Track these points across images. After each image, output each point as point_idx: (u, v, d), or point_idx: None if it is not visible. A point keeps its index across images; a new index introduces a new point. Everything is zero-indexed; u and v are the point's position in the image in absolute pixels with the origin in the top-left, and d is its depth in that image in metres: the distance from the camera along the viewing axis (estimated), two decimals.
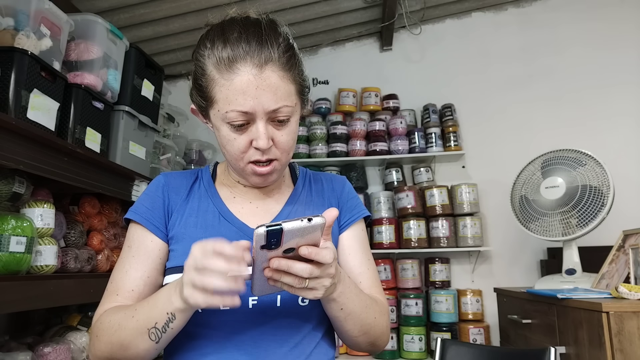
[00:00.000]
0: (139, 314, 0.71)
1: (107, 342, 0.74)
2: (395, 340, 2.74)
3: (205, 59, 0.75)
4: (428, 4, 3.09)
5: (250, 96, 0.72)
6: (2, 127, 1.23)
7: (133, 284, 0.79)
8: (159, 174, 0.90)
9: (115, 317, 0.74)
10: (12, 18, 1.45)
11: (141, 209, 0.83)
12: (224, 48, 0.73)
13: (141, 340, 0.71)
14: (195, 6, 2.66)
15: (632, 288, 1.48)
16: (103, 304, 0.79)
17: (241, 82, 0.72)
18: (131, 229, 0.83)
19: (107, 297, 0.80)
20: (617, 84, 2.98)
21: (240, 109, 0.73)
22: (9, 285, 1.24)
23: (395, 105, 3.19)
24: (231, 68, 0.72)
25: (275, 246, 0.61)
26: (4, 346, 1.48)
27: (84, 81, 1.72)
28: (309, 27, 3.11)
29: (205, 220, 0.83)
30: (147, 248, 0.81)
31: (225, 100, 0.73)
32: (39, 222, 1.43)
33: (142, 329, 0.70)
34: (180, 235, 0.81)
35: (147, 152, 2.17)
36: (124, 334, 0.72)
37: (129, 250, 0.81)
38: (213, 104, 0.75)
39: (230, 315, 0.75)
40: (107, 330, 0.74)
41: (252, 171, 0.79)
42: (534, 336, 1.89)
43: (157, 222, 0.82)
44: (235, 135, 0.75)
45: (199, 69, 0.76)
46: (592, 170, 1.99)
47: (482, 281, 2.91)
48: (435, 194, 2.88)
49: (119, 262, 0.82)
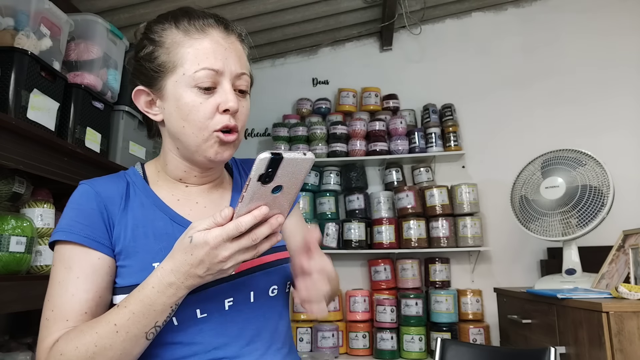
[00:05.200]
0: (127, 325, 0.65)
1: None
2: (395, 340, 2.74)
3: (167, 29, 0.76)
4: (428, 4, 3.09)
5: (220, 56, 0.74)
6: (2, 127, 1.23)
7: (85, 306, 0.71)
8: (81, 183, 0.79)
9: (85, 341, 0.66)
10: (12, 18, 1.45)
11: (77, 226, 0.73)
12: (190, 19, 0.76)
13: (136, 347, 0.67)
14: (194, 7, 2.66)
15: (632, 288, 1.48)
16: (48, 335, 0.69)
17: (211, 42, 0.74)
18: (66, 250, 0.73)
19: (53, 326, 0.69)
20: (617, 84, 2.98)
21: (211, 67, 0.73)
22: (9, 285, 1.24)
23: (395, 105, 3.19)
24: (202, 30, 0.75)
25: (269, 179, 0.62)
26: (4, 346, 1.48)
27: (84, 81, 1.72)
28: (309, 27, 3.11)
29: (156, 228, 0.77)
30: (94, 266, 0.72)
31: (194, 60, 0.73)
32: (39, 222, 1.43)
33: (138, 336, 0.66)
34: (131, 250, 0.74)
35: (147, 152, 2.17)
36: (111, 352, 0.65)
37: (69, 272, 0.72)
38: (176, 69, 0.74)
39: (208, 322, 0.74)
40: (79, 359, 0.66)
41: (217, 140, 0.75)
42: (534, 336, 1.89)
43: (100, 238, 0.74)
44: (201, 99, 0.73)
45: (155, 40, 0.76)
46: (592, 170, 1.99)
47: (482, 281, 2.91)
48: (435, 194, 2.88)
49: (57, 287, 0.72)
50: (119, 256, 0.74)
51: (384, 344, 2.72)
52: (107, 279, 0.74)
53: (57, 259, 0.74)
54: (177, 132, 0.76)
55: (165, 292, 0.65)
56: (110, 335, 0.65)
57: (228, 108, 0.74)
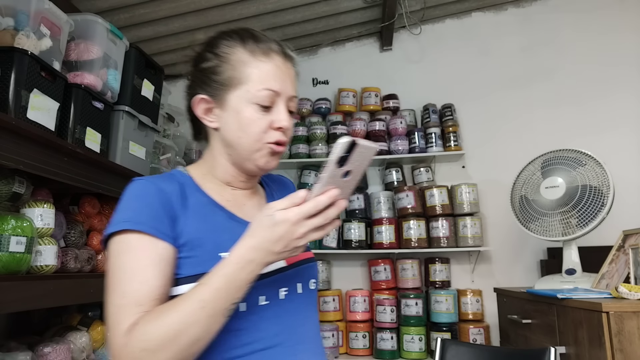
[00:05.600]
0: (212, 301, 0.69)
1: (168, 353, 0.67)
2: (395, 340, 2.74)
3: (233, 47, 0.84)
4: (428, 4, 3.09)
5: (280, 79, 0.83)
6: (2, 127, 1.23)
7: (155, 292, 0.73)
8: (137, 179, 0.82)
9: (170, 319, 0.68)
10: (12, 18, 1.45)
11: (143, 217, 0.76)
12: (257, 42, 0.84)
13: (216, 324, 0.70)
14: (195, 6, 2.66)
15: (632, 288, 1.48)
16: (123, 319, 0.70)
17: (274, 65, 0.83)
18: (133, 239, 0.75)
19: (127, 311, 0.71)
20: (617, 84, 2.98)
21: (272, 88, 0.82)
22: (9, 285, 1.24)
23: (395, 105, 3.19)
24: (265, 54, 0.84)
25: (344, 163, 0.69)
26: (4, 346, 1.48)
27: (84, 81, 1.72)
28: (309, 27, 3.11)
29: (217, 223, 0.82)
30: (161, 256, 0.75)
31: (257, 81, 0.81)
32: (39, 222, 1.43)
33: (220, 312, 0.70)
34: (196, 241, 0.78)
35: (147, 152, 2.17)
36: (195, 329, 0.68)
37: (138, 260, 0.74)
38: (240, 85, 0.82)
39: (269, 310, 0.79)
40: (159, 344, 0.67)
41: (269, 150, 0.83)
42: (534, 336, 1.89)
43: (165, 229, 0.77)
44: (259, 115, 0.81)
45: (220, 55, 0.84)
46: (592, 170, 1.99)
47: (482, 281, 2.91)
48: (435, 194, 2.88)
49: (125, 274, 0.74)
50: (183, 248, 0.78)
51: (384, 344, 2.72)
52: (170, 269, 0.77)
53: (122, 248, 0.75)
54: (232, 140, 0.84)
55: (245, 269, 0.69)
56: (196, 312, 0.68)
57: (282, 126, 0.83)
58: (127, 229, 0.75)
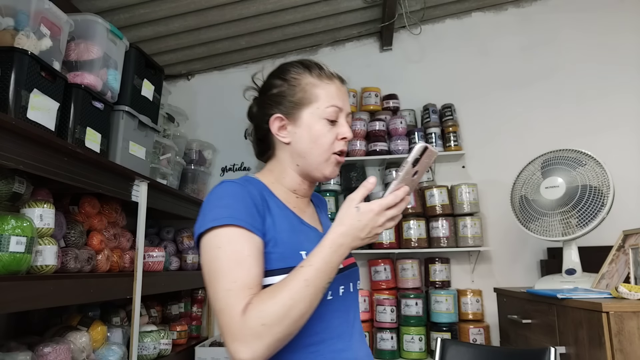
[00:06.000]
0: (315, 279, 0.80)
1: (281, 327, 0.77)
2: (395, 340, 2.74)
3: (302, 74, 1.00)
4: (428, 4, 3.09)
5: (341, 98, 1.00)
6: (2, 127, 1.23)
7: (259, 278, 0.84)
8: (227, 181, 0.92)
9: (282, 296, 0.78)
10: (12, 18, 1.45)
11: (241, 214, 0.86)
12: (319, 68, 1.01)
13: (316, 300, 0.81)
14: (195, 6, 2.66)
15: (632, 288, 1.48)
16: (238, 301, 0.79)
17: (336, 87, 1.01)
18: (235, 233, 0.85)
19: (239, 294, 0.80)
20: (617, 84, 2.98)
21: (338, 105, 0.98)
22: (9, 285, 1.24)
23: (395, 105, 3.19)
24: (329, 78, 1.01)
25: (417, 164, 0.84)
26: (4, 346, 1.48)
27: (84, 81, 1.72)
28: (309, 27, 3.11)
29: (293, 225, 0.95)
30: (259, 249, 0.86)
31: (325, 99, 0.97)
32: (39, 222, 1.43)
33: (320, 290, 0.81)
34: (279, 239, 0.89)
35: (147, 152, 2.17)
36: (302, 304, 0.78)
37: (241, 251, 0.83)
38: (312, 103, 0.97)
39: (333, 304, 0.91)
40: (275, 318, 0.77)
41: (335, 160, 0.99)
42: (534, 336, 1.89)
43: (259, 226, 0.88)
44: (327, 129, 0.97)
45: (290, 80, 1.00)
46: (592, 170, 1.99)
47: (482, 281, 2.91)
48: (435, 194, 2.88)
49: (232, 263, 0.82)
50: (268, 243, 0.89)
51: (384, 344, 2.72)
52: (263, 260, 0.87)
53: (226, 240, 0.84)
54: (304, 151, 0.98)
55: (337, 252, 0.82)
56: (302, 290, 0.79)
57: (345, 137, 0.99)
58: (229, 223, 0.85)
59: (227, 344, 0.78)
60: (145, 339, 2.12)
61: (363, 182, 0.85)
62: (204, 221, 0.86)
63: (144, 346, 2.11)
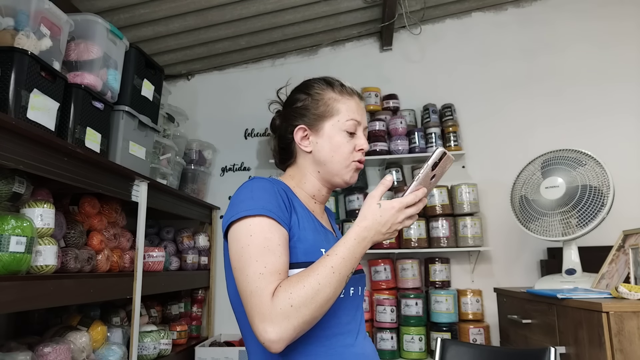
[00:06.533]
0: (340, 267, 0.85)
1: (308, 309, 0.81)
2: (395, 340, 2.74)
3: (325, 90, 1.08)
4: (428, 4, 3.09)
5: (360, 113, 1.09)
6: (2, 127, 1.23)
7: (286, 266, 0.89)
8: (260, 178, 0.98)
9: (310, 280, 0.83)
10: (12, 18, 1.45)
11: (272, 207, 0.92)
12: (341, 85, 1.10)
13: (340, 288, 0.86)
14: (195, 6, 2.66)
15: (632, 288, 1.48)
16: (268, 284, 0.84)
17: (355, 103, 1.09)
18: (266, 223, 0.90)
19: (270, 278, 0.85)
20: (617, 84, 2.98)
21: (357, 119, 1.07)
22: (9, 285, 1.24)
23: (395, 105, 3.19)
24: (350, 94, 1.09)
25: (435, 167, 0.89)
26: (4, 346, 1.48)
27: (84, 81, 1.72)
28: (309, 27, 3.11)
29: (315, 225, 1.01)
30: (286, 240, 0.92)
31: (346, 113, 1.06)
32: (39, 222, 1.43)
33: (344, 277, 0.86)
34: (302, 236, 0.96)
35: (147, 152, 2.17)
36: (328, 289, 0.83)
37: (271, 240, 0.89)
38: (333, 116, 1.06)
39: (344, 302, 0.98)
40: (303, 300, 0.81)
41: (355, 167, 1.07)
42: (534, 336, 1.89)
43: (287, 220, 0.94)
44: (346, 140, 1.05)
45: (313, 95, 1.08)
46: (592, 170, 1.99)
47: (482, 281, 2.91)
48: (435, 194, 2.88)
49: (263, 249, 0.87)
50: (292, 238, 0.95)
51: (384, 344, 2.72)
52: (288, 250, 0.93)
53: (257, 229, 0.89)
54: (326, 159, 1.06)
55: (361, 244, 0.89)
56: (329, 276, 0.84)
57: (362, 148, 1.07)
58: (261, 214, 0.90)
59: (255, 325, 0.81)
60: (145, 339, 2.12)
61: (381, 180, 0.92)
62: (236, 210, 0.92)
63: (144, 346, 2.11)
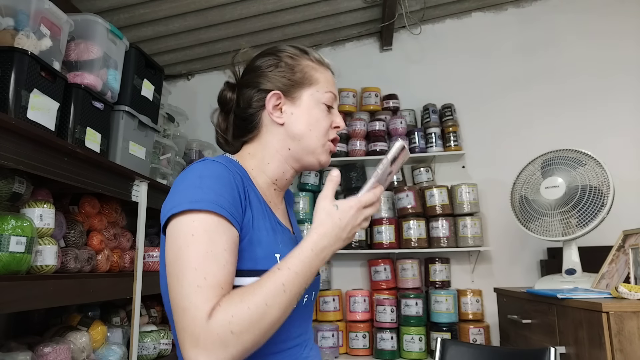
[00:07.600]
0: (292, 284, 0.72)
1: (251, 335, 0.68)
2: (395, 340, 2.74)
3: (300, 57, 0.94)
4: (428, 4, 3.09)
5: (335, 87, 0.97)
6: (2, 127, 1.23)
7: (232, 277, 0.73)
8: (213, 161, 0.81)
9: (256, 300, 0.69)
10: (12, 18, 1.45)
11: (224, 201, 0.75)
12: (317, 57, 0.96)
13: (291, 307, 0.73)
14: (195, 6, 2.67)
15: (632, 288, 1.48)
16: (205, 300, 0.68)
17: (331, 75, 0.97)
18: (213, 221, 0.74)
19: (208, 293, 0.69)
20: (617, 84, 2.98)
21: (334, 92, 0.95)
22: (9, 285, 1.24)
23: (395, 105, 3.19)
24: (326, 66, 0.97)
25: (394, 163, 0.82)
26: (4, 346, 1.48)
27: (84, 81, 1.72)
28: (309, 27, 3.11)
29: (272, 224, 0.86)
30: (235, 243, 0.76)
31: (324, 84, 0.93)
32: (39, 222, 1.43)
33: (297, 295, 0.73)
34: (254, 239, 0.80)
35: (147, 152, 2.17)
36: (277, 311, 0.70)
37: (216, 243, 0.73)
38: (312, 84, 0.92)
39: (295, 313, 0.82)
40: (246, 325, 0.67)
41: (329, 148, 0.94)
42: (534, 336, 1.89)
43: (239, 218, 0.78)
44: (325, 114, 0.92)
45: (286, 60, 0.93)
46: (592, 170, 1.99)
47: (482, 281, 2.91)
48: (435, 194, 2.88)
49: (205, 256, 0.71)
50: (243, 239, 0.79)
51: (384, 344, 2.72)
52: (237, 257, 0.77)
53: (200, 228, 0.73)
54: (302, 133, 0.90)
55: (319, 255, 0.75)
56: (279, 295, 0.70)
57: (339, 126, 0.95)
58: (209, 209, 0.73)
59: (186, 349, 0.66)
60: (145, 339, 2.12)
61: (328, 177, 0.80)
62: (178, 201, 0.75)
63: (144, 346, 2.11)
